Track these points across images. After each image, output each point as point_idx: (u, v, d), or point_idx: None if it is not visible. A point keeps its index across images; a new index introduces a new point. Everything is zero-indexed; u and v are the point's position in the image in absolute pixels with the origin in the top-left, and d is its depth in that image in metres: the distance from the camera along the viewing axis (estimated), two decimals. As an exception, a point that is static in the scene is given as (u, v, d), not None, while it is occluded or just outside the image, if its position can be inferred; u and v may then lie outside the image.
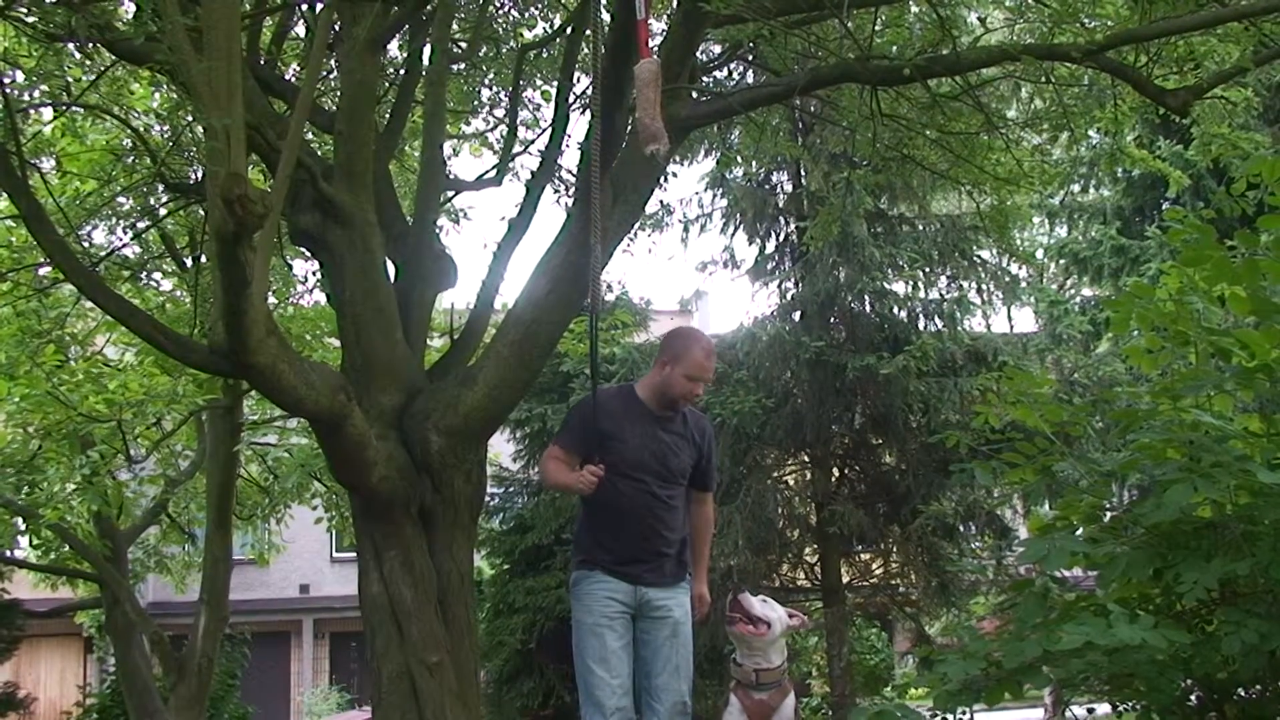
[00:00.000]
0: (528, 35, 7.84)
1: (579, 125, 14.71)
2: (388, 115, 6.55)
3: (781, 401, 12.36)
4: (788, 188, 13.84)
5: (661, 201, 12.73)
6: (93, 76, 7.30)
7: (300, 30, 7.37)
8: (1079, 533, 3.65)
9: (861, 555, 13.68)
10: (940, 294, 13.03)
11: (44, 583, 13.75)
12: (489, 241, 8.51)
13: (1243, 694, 3.36)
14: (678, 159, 9.18)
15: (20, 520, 10.79)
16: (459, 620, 5.20)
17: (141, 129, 8.06)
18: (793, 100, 6.87)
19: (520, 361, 5.31)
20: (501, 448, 13.61)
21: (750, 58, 7.69)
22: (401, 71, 6.78)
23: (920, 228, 13.10)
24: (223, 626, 11.04)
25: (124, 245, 9.11)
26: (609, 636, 3.95)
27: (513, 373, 5.30)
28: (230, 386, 9.93)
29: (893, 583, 13.31)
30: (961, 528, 12.54)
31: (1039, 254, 18.53)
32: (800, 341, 12.16)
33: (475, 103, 8.41)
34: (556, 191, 7.71)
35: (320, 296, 10.03)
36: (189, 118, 7.23)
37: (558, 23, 7.65)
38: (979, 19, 7.18)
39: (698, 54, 6.31)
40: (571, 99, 6.80)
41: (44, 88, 7.09)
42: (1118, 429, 3.91)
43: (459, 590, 5.23)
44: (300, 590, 23.82)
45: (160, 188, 8.11)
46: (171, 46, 4.33)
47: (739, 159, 11.53)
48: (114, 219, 8.80)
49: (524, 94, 7.82)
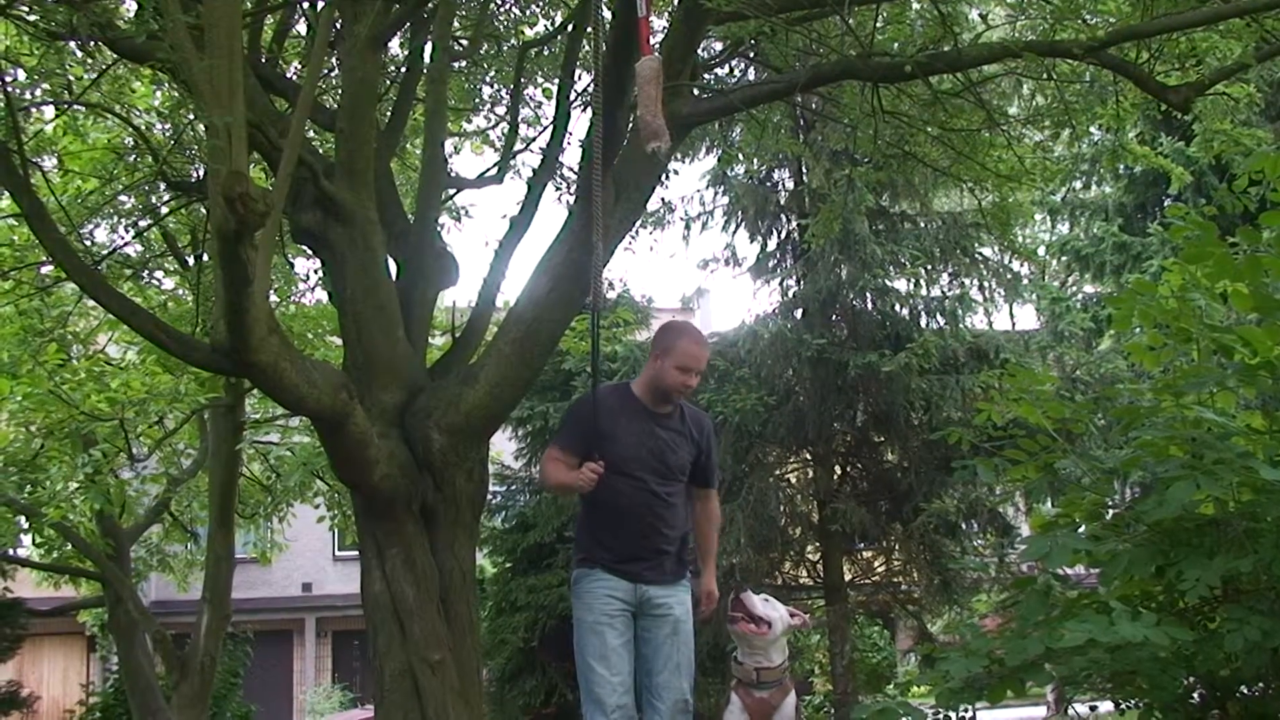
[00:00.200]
0: (529, 33, 7.83)
1: (580, 123, 14.62)
2: (389, 113, 6.55)
3: (783, 399, 12.36)
4: (789, 185, 13.82)
5: (663, 199, 12.67)
6: (94, 75, 7.31)
7: (301, 28, 7.38)
8: (1081, 530, 3.65)
9: (863, 553, 13.67)
10: (942, 291, 13.02)
11: (47, 581, 13.76)
12: (490, 239, 8.54)
13: (1245, 691, 3.36)
14: (679, 156, 9.18)
15: (23, 519, 10.80)
16: (461, 618, 5.20)
17: (143, 127, 8.06)
18: (794, 97, 6.86)
19: (522, 359, 5.31)
20: (503, 446, 13.60)
21: (751, 55, 7.69)
22: (403, 69, 6.78)
23: (922, 225, 13.08)
24: (225, 625, 11.05)
25: (126, 244, 9.12)
26: (609, 634, 3.95)
27: (514, 371, 5.31)
28: (232, 385, 9.93)
29: (895, 580, 13.30)
30: (964, 525, 12.53)
31: (1041, 251, 18.48)
32: (802, 339, 12.15)
33: (476, 100, 8.41)
34: (558, 189, 7.71)
35: (322, 295, 10.04)
36: (190, 116, 7.23)
37: (559, 20, 7.65)
38: (980, 16, 7.17)
39: (699, 51, 6.31)
40: (573, 96, 6.81)
41: (45, 86, 7.10)
42: (1120, 426, 3.91)
43: (461, 588, 5.24)
44: (303, 589, 23.84)
45: (162, 186, 8.11)
46: (173, 45, 4.33)
47: (740, 156, 11.51)
48: (116, 217, 8.80)
49: (525, 91, 7.82)
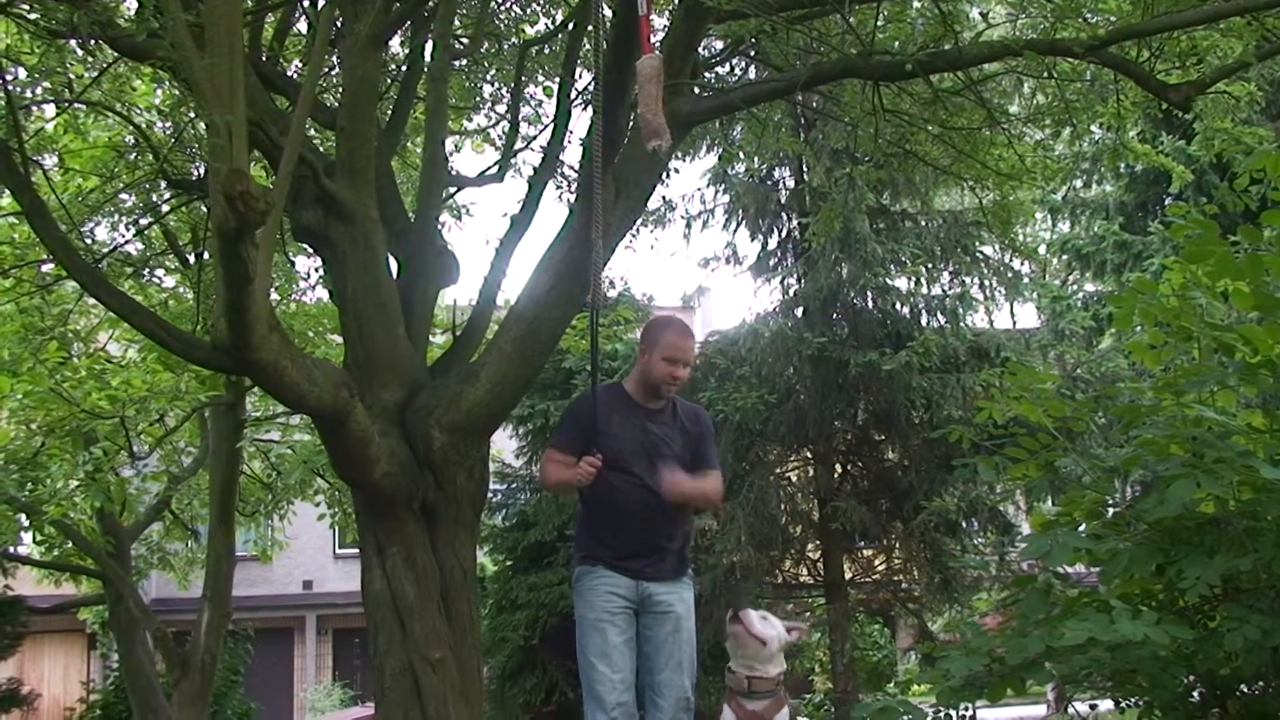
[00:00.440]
0: (529, 31, 7.82)
1: (581, 121, 14.64)
2: (390, 111, 6.55)
3: (784, 398, 12.36)
4: (790, 184, 13.83)
5: (663, 197, 12.62)
6: (95, 73, 7.31)
7: (302, 26, 7.37)
8: (1081, 529, 3.65)
9: (864, 551, 13.68)
10: (943, 290, 13.03)
11: (47, 579, 13.76)
12: (491, 238, 8.53)
13: (1245, 690, 3.37)
14: (679, 155, 9.17)
15: (23, 517, 10.79)
16: (462, 616, 5.20)
17: (144, 125, 8.06)
18: (795, 96, 6.86)
19: (522, 358, 5.31)
20: (504, 444, 13.61)
21: (752, 53, 7.68)
22: (403, 68, 6.77)
23: (923, 223, 13.09)
24: (226, 623, 11.05)
25: (126, 242, 9.10)
26: (610, 631, 3.96)
27: (515, 369, 5.31)
28: (233, 383, 9.93)
29: (895, 579, 13.31)
30: (964, 524, 12.55)
31: (1041, 249, 18.48)
32: (803, 337, 12.16)
33: (477, 99, 8.40)
34: (558, 188, 7.70)
35: (322, 293, 10.04)
36: (191, 114, 7.22)
37: (559, 18, 7.64)
38: (981, 14, 7.17)
39: (699, 50, 6.30)
40: (573, 95, 6.80)
41: (46, 84, 7.09)
42: (1120, 425, 3.91)
43: (462, 586, 5.23)
44: (303, 586, 23.86)
45: (162, 184, 8.10)
46: (173, 43, 4.33)
47: (741, 155, 11.49)
48: (116, 215, 8.80)
49: (526, 90, 7.81)
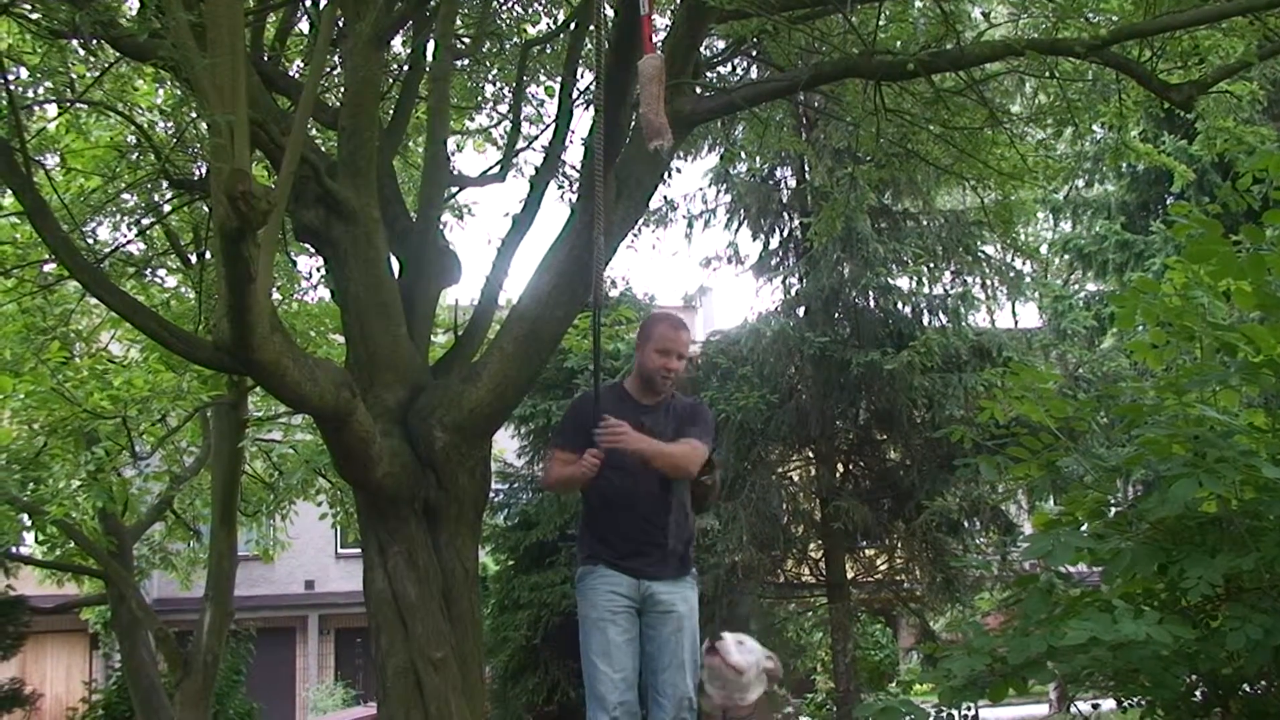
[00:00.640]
0: (531, 31, 7.82)
1: (583, 121, 14.65)
2: (391, 111, 6.55)
3: (786, 397, 12.36)
4: (791, 183, 13.82)
5: (665, 197, 12.73)
6: (97, 73, 7.32)
7: (304, 26, 7.37)
8: (1084, 528, 3.65)
9: (866, 551, 13.68)
10: (944, 289, 13.03)
11: (49, 579, 13.77)
12: (493, 237, 8.49)
13: (1248, 689, 3.36)
14: (681, 155, 9.18)
15: (26, 516, 10.81)
16: (463, 616, 5.20)
17: (145, 125, 8.06)
18: (796, 95, 6.86)
19: (524, 357, 5.32)
20: (506, 444, 13.62)
21: (754, 53, 7.69)
22: (405, 67, 6.78)
23: (924, 223, 13.08)
24: (228, 623, 11.05)
25: (128, 242, 9.10)
26: (612, 631, 3.97)
27: (517, 369, 5.31)
28: (235, 383, 9.92)
29: (897, 578, 13.31)
30: (966, 523, 12.55)
31: (1043, 249, 18.46)
32: (804, 337, 12.16)
33: (479, 99, 8.40)
34: (560, 187, 7.69)
35: (324, 293, 10.01)
36: (193, 114, 7.22)
37: (561, 18, 7.64)
38: (983, 14, 7.18)
39: (701, 49, 6.31)
40: (575, 95, 6.79)
41: (48, 84, 7.10)
42: (1122, 424, 3.91)
43: (463, 586, 5.24)
44: (305, 586, 23.85)
45: (164, 184, 8.10)
46: (175, 43, 4.32)
47: (742, 154, 11.49)
48: (118, 215, 8.79)
49: (528, 90, 7.80)
